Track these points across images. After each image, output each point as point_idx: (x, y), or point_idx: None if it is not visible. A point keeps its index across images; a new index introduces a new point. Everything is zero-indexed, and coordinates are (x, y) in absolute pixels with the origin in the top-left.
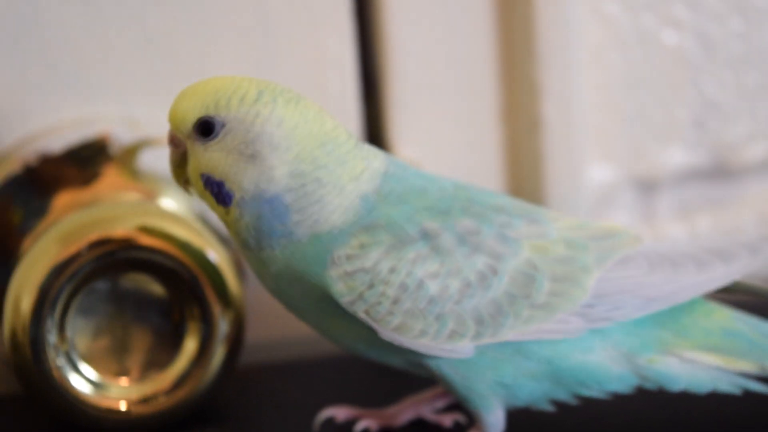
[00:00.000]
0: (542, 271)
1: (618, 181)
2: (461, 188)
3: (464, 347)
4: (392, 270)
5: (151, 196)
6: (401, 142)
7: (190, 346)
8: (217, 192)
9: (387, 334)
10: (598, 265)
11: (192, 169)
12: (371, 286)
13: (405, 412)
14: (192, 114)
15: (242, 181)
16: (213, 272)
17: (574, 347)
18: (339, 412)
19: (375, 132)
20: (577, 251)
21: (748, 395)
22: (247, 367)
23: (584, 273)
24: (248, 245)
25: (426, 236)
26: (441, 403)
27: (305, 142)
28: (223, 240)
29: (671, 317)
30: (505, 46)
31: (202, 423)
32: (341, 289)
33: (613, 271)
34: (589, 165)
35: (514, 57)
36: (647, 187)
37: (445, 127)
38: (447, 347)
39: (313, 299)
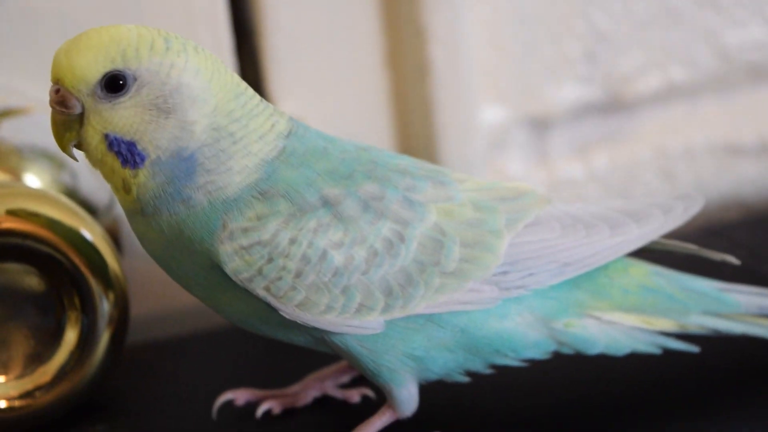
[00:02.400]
0: (451, 236)
1: (510, 121)
2: (363, 150)
3: (373, 322)
4: (293, 241)
5: (13, 172)
6: (282, 96)
7: (72, 333)
8: (127, 153)
9: (290, 311)
10: (509, 229)
11: (91, 131)
12: (270, 260)
13: (309, 390)
14: (95, 69)
15: (160, 139)
16: (90, 252)
17: (489, 314)
18: (238, 395)
19: (254, 88)
20: (486, 214)
21: (667, 354)
22: (133, 346)
23: (495, 237)
24: (145, 211)
25: (327, 203)
26: (346, 377)
27: (222, 94)
28: (94, 213)
29: (587, 277)
30: None
31: (91, 416)
32: (238, 266)
33: (524, 235)
34: (480, 107)
35: None
36: (540, 125)
37: (327, 78)
38: (355, 323)
39: (203, 271)
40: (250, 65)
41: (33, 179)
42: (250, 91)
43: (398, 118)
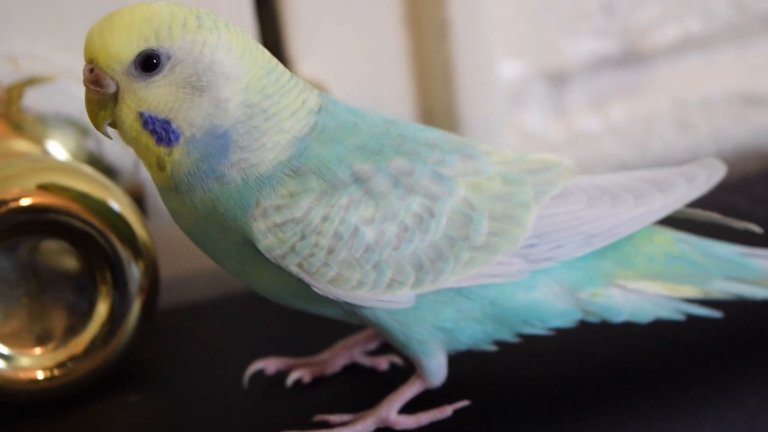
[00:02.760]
0: (480, 210)
1: (528, 76)
2: (392, 123)
3: (404, 296)
4: (325, 218)
5: (38, 141)
6: (302, 57)
7: (104, 304)
8: (162, 131)
9: (322, 287)
10: (537, 201)
11: (126, 110)
12: (303, 237)
13: (337, 358)
14: (129, 48)
15: (195, 116)
16: (119, 223)
17: (518, 286)
18: (269, 364)
19: (273, 50)
20: (514, 187)
21: (691, 320)
22: (161, 310)
23: (523, 210)
24: (179, 188)
25: (358, 180)
26: (374, 344)
27: (254, 71)
28: (120, 177)
29: (613, 246)
30: None
31: (125, 385)
32: (271, 243)
33: (552, 207)
34: (498, 63)
35: None
36: (558, 79)
37: (347, 38)
38: (386, 297)
39: (236, 246)
40: (269, 26)
41: (58, 147)
42: (281, 67)
43: (418, 77)
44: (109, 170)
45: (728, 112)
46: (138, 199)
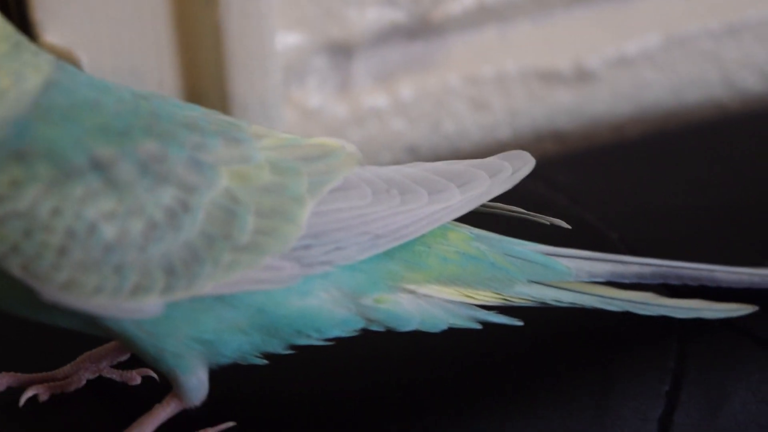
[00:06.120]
0: (245, 204)
1: (309, 48)
2: (144, 99)
3: (151, 304)
4: (55, 212)
5: None
6: (48, 23)
7: None
8: None
9: (51, 293)
10: (312, 194)
11: None
12: (28, 234)
13: (81, 372)
14: None
15: None
16: None
17: (290, 292)
18: None
19: (15, 13)
20: (287, 177)
21: (488, 327)
22: None
23: (296, 204)
24: None
25: (98, 166)
26: (125, 355)
27: None
28: None
29: (401, 244)
30: None
31: None
32: None
33: (330, 202)
34: (275, 33)
35: None
36: (342, 51)
37: (101, 2)
38: (130, 306)
39: None
40: None
41: None
42: None
43: (184, 48)
44: None
45: (524, 89)
46: None
